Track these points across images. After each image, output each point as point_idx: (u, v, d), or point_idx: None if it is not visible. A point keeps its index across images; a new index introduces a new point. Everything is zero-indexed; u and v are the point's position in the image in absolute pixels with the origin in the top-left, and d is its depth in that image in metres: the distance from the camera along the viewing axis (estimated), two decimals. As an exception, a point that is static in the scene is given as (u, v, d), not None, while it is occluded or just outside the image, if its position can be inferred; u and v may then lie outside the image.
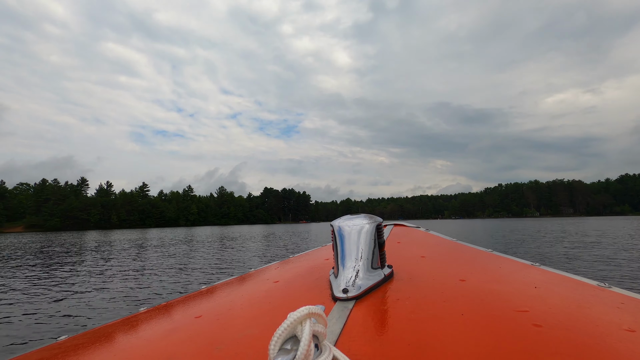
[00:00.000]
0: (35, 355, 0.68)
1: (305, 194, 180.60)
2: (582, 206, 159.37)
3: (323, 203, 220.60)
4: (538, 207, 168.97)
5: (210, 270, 9.05)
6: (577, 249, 11.91)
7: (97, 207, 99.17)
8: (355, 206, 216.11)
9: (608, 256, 9.69)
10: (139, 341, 0.66)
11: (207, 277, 7.95)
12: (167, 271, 9.00)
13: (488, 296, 0.67)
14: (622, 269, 7.62)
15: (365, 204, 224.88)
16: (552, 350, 0.45)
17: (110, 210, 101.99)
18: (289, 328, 0.36)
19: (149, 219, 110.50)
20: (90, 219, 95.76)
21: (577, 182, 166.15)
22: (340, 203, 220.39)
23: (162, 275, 8.40)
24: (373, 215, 0.83)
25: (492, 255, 1.16)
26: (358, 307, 0.63)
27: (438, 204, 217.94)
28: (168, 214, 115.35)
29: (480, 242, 15.01)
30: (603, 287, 0.76)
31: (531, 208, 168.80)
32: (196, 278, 7.84)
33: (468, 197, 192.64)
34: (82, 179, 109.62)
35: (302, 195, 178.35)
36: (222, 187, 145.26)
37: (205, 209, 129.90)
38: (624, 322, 0.54)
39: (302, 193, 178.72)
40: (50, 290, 6.93)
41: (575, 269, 7.65)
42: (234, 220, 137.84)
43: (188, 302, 0.91)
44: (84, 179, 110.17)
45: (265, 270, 1.22)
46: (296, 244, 17.08)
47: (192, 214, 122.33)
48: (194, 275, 8.29)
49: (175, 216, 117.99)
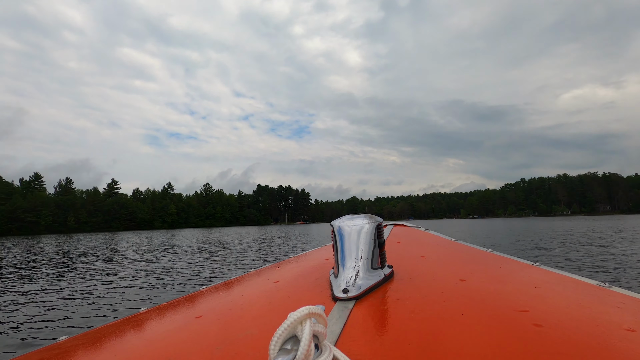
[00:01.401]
0: (35, 356, 0.67)
1: (304, 192, 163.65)
2: (622, 202, 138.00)
3: (328, 202, 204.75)
4: (569, 204, 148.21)
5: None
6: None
7: (51, 208, 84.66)
8: (361, 205, 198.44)
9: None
10: (139, 341, 0.66)
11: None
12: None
13: (488, 296, 0.66)
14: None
15: (373, 203, 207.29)
16: (553, 350, 0.44)
17: (67, 212, 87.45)
18: (289, 328, 0.36)
19: (116, 221, 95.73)
20: (40, 222, 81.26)
21: (615, 175, 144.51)
22: (346, 202, 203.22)
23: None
24: (373, 215, 0.83)
25: (492, 255, 1.16)
26: (358, 307, 0.63)
27: (452, 202, 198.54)
28: (140, 215, 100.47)
29: (511, 250, 11.80)
30: (603, 286, 0.75)
31: (561, 205, 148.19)
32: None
33: (487, 194, 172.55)
34: (35, 174, 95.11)
35: (301, 193, 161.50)
36: (207, 184, 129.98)
37: (186, 208, 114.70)
38: (624, 322, 0.54)
39: (300, 191, 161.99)
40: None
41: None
42: (221, 221, 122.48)
43: (188, 302, 0.90)
44: (38, 175, 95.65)
45: (266, 270, 1.22)
46: (265, 257, 12.17)
47: (170, 214, 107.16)
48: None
49: (150, 217, 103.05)
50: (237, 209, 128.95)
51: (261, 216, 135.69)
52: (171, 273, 9.08)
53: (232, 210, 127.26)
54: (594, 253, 10.33)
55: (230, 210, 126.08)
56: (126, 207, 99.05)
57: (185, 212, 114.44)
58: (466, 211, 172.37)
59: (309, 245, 15.98)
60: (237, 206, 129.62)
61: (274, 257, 11.96)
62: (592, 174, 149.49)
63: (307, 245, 17.18)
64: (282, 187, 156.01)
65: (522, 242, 15.07)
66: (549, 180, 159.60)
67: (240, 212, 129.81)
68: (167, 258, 13.04)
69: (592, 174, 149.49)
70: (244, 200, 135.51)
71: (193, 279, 8.14)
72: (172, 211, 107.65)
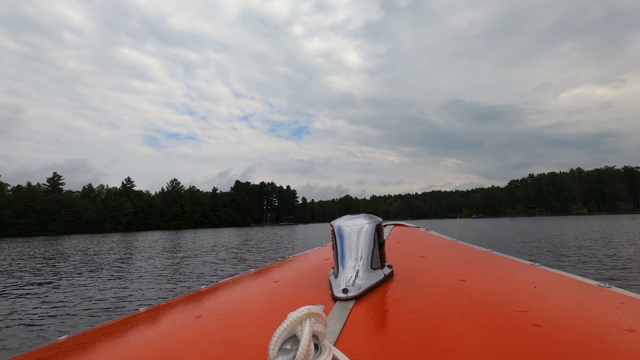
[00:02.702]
0: (35, 355, 0.67)
1: (290, 189, 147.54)
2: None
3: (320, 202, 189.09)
4: (585, 201, 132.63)
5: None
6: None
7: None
8: (355, 204, 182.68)
9: None
10: (139, 341, 0.66)
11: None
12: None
13: (488, 296, 0.66)
14: None
15: (368, 202, 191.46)
16: (552, 350, 0.44)
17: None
18: (288, 328, 0.36)
19: (53, 223, 79.77)
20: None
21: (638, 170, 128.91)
22: (339, 201, 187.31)
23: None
24: (373, 215, 0.82)
25: (492, 255, 1.16)
26: (358, 307, 0.63)
27: (454, 200, 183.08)
28: (86, 216, 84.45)
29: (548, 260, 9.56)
30: (603, 287, 0.75)
31: (577, 203, 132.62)
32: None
33: (493, 192, 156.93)
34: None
35: (286, 191, 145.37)
36: (174, 179, 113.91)
37: (147, 208, 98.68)
38: (624, 322, 0.54)
39: (285, 188, 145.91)
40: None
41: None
42: (190, 222, 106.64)
43: (188, 302, 0.90)
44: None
45: (265, 270, 1.22)
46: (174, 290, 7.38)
47: (126, 214, 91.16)
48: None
49: (99, 218, 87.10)
50: (210, 209, 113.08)
51: (239, 216, 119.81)
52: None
53: (204, 209, 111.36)
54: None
55: (201, 210, 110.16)
56: (68, 206, 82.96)
57: (145, 212, 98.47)
58: (470, 210, 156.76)
59: (270, 259, 12.22)
60: (210, 205, 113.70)
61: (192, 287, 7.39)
62: (610, 168, 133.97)
63: (267, 259, 12.99)
64: (265, 184, 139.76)
65: (555, 249, 12.06)
66: (561, 176, 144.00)
67: (214, 212, 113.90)
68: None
69: (610, 168, 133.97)
70: (219, 199, 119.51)
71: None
72: (127, 211, 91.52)
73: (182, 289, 7.41)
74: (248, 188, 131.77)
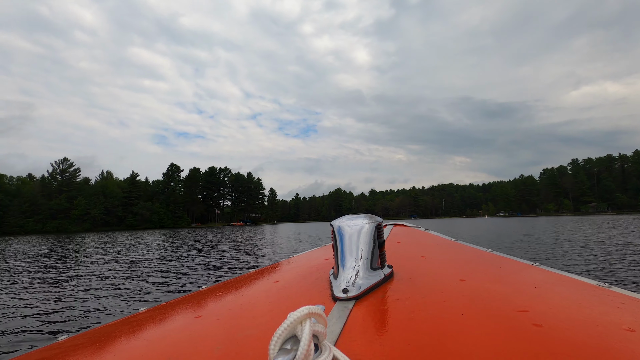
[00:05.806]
0: (35, 355, 0.67)
1: (253, 178, 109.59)
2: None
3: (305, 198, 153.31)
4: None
5: None
6: None
7: None
8: (347, 199, 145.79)
9: None
10: (139, 341, 0.66)
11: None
12: None
13: (488, 296, 0.66)
14: None
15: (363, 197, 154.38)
16: (552, 350, 0.44)
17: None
18: (289, 328, 0.36)
19: None
20: None
21: None
22: (328, 196, 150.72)
23: None
24: (373, 215, 0.82)
25: (492, 255, 1.15)
26: (358, 307, 0.63)
27: (469, 195, 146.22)
28: None
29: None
30: (603, 287, 0.75)
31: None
32: None
33: (527, 182, 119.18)
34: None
35: (248, 179, 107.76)
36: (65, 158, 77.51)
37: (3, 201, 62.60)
38: (624, 322, 0.54)
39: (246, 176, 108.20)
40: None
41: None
42: (88, 222, 70.82)
43: (188, 302, 0.90)
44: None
45: (265, 270, 1.22)
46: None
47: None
48: None
49: None
50: (121, 202, 76.82)
51: (169, 214, 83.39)
52: None
53: (112, 204, 75.12)
54: None
55: (104, 205, 73.88)
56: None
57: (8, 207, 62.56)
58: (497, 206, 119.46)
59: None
60: (121, 198, 77.36)
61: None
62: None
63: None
64: (215, 170, 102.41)
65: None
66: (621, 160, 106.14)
67: (127, 208, 77.58)
68: None
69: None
70: (139, 189, 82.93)
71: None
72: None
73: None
74: (189, 175, 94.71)
